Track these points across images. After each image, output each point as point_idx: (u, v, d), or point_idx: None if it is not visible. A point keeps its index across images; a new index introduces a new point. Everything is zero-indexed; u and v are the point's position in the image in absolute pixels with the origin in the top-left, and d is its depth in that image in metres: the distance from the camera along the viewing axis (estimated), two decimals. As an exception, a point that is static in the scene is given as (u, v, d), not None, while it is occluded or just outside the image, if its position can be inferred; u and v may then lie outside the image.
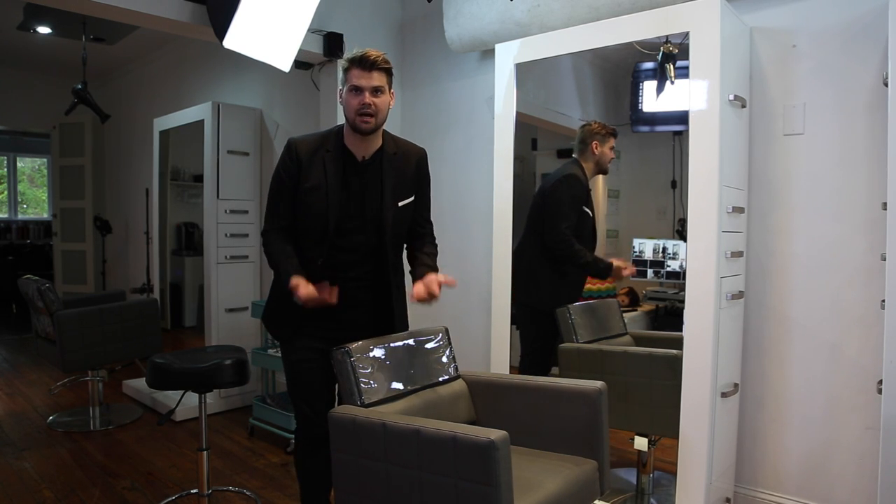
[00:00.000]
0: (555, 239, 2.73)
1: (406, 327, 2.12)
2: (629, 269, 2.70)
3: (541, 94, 2.93)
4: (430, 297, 1.92)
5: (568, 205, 2.72)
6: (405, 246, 2.15)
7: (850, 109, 2.23)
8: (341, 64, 1.92)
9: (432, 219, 2.20)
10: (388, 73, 1.91)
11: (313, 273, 1.92)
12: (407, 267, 2.14)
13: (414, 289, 1.95)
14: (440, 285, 1.94)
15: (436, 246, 2.16)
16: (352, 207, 1.95)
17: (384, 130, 2.00)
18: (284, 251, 1.94)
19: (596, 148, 2.72)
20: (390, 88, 1.93)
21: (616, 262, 2.69)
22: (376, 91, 1.87)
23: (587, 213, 2.73)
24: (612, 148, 2.73)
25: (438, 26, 3.23)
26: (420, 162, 2.07)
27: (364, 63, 1.84)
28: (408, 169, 2.03)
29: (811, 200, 2.32)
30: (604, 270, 2.74)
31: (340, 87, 1.93)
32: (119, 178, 6.54)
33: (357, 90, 1.86)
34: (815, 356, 2.31)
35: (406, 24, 3.66)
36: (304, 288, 1.84)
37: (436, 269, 2.02)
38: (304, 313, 1.94)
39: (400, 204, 2.00)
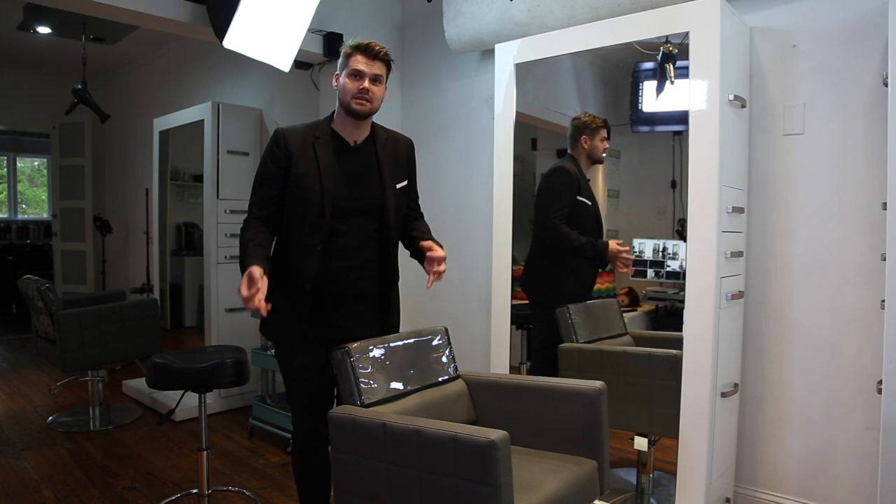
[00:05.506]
0: (542, 226, 2.72)
1: (398, 327, 2.11)
2: (628, 256, 2.60)
3: (541, 94, 2.93)
4: (439, 265, 1.91)
5: (556, 194, 2.70)
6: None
7: (850, 109, 2.23)
8: (343, 50, 1.91)
9: (433, 217, 2.21)
10: (389, 66, 1.93)
11: (314, 262, 1.88)
12: (402, 255, 2.12)
13: (427, 246, 1.94)
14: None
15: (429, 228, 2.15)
16: (348, 188, 1.92)
17: (372, 121, 2.01)
18: (254, 239, 1.87)
19: (585, 143, 2.71)
20: (386, 82, 1.95)
21: (612, 245, 2.60)
22: (376, 79, 1.89)
23: (584, 202, 2.70)
24: (603, 139, 2.72)
25: (438, 26, 3.23)
26: (409, 150, 2.09)
27: (369, 51, 1.87)
28: (399, 155, 2.05)
29: (811, 200, 2.32)
30: (600, 251, 2.64)
31: (337, 73, 1.93)
32: (119, 178, 6.54)
33: (358, 75, 1.87)
34: (815, 356, 2.31)
35: (406, 23, 3.65)
36: (247, 287, 1.70)
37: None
38: (307, 316, 1.90)
39: (398, 186, 2.01)
